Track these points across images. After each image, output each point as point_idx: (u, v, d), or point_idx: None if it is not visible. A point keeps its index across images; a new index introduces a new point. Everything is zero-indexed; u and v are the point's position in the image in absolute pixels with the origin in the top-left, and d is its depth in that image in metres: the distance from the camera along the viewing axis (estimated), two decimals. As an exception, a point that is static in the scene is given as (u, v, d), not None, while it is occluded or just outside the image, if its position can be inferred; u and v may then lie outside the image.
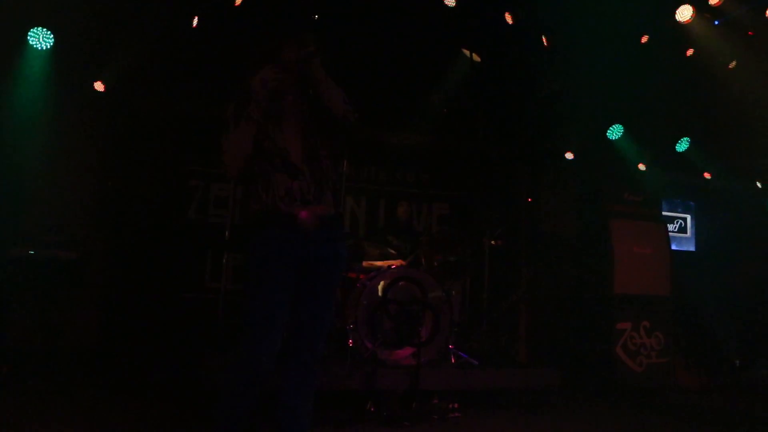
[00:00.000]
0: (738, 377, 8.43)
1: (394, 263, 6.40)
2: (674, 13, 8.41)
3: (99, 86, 6.90)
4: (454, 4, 6.98)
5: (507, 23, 7.42)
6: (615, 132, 8.68)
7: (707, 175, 9.90)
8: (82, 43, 6.79)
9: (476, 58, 7.75)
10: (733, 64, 9.06)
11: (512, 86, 7.85)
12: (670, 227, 9.51)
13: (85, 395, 5.60)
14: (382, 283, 5.81)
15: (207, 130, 6.46)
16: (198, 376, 5.16)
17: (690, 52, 8.82)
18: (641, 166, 8.98)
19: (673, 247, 9.15)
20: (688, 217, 9.94)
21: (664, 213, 9.10)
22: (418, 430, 5.02)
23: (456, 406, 5.49)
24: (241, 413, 3.16)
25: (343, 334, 5.87)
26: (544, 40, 7.60)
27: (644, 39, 8.41)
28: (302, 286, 3.30)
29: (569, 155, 8.49)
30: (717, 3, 8.48)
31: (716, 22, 8.75)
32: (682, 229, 9.87)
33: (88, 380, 6.11)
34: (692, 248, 9.91)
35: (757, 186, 10.31)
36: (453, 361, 6.13)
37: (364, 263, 6.69)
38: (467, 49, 7.74)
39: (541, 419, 5.70)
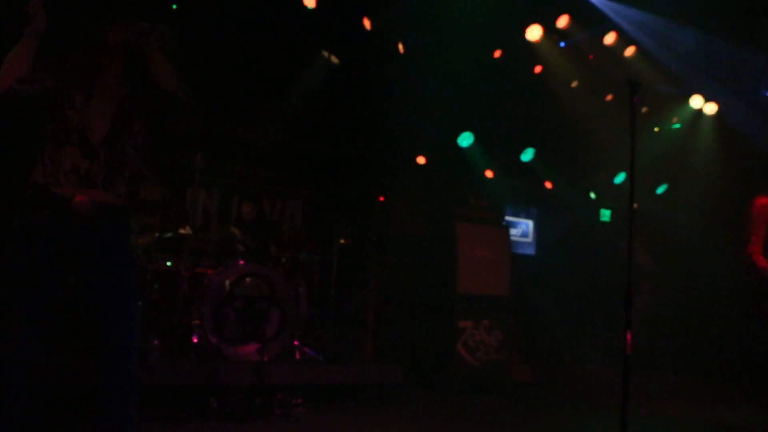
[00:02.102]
0: (569, 371, 9.03)
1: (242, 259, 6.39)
2: (525, 31, 8.92)
3: None
4: (314, 6, 7.07)
5: (365, 28, 7.60)
6: (465, 139, 9.06)
7: (548, 185, 10.53)
8: None
9: (335, 60, 7.88)
10: (575, 84, 9.71)
11: (368, 90, 8.01)
12: (514, 232, 10.02)
13: None
14: (229, 278, 5.80)
15: None
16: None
17: (538, 69, 9.38)
18: (488, 173, 9.43)
19: (516, 251, 9.66)
20: (530, 223, 10.51)
21: (507, 218, 9.55)
22: (261, 425, 5.05)
23: (300, 401, 5.58)
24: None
25: (187, 329, 5.80)
26: (401, 47, 7.84)
27: (497, 53, 8.86)
28: (82, 279, 3.13)
29: (421, 159, 8.77)
30: (564, 26, 9.07)
31: (562, 44, 9.35)
32: (525, 234, 10.42)
33: None
34: (533, 252, 10.48)
35: (591, 197, 11.09)
36: (298, 357, 6.22)
37: (215, 259, 6.64)
38: (326, 51, 7.84)
39: (384, 414, 5.87)
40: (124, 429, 3.13)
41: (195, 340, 5.69)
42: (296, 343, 6.27)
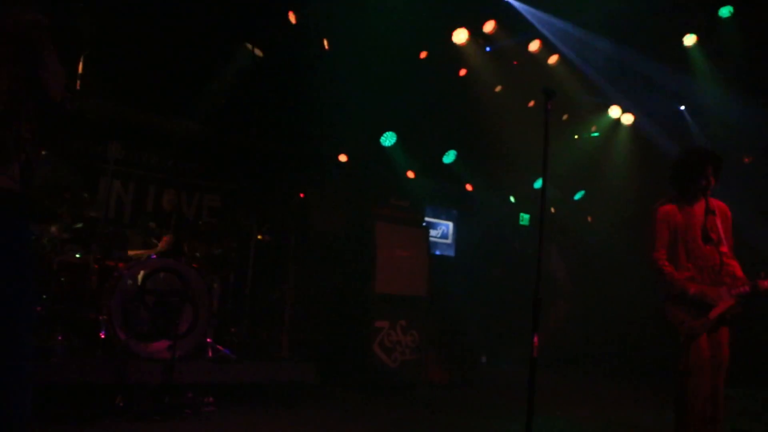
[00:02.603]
0: (484, 372, 9.15)
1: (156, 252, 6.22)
2: (451, 34, 9.00)
3: None
4: (239, -3, 6.95)
5: (291, 22, 7.50)
6: (388, 139, 9.07)
7: (469, 187, 10.67)
8: None
9: (258, 53, 7.75)
10: (498, 88, 9.86)
11: (292, 84, 7.92)
12: (434, 233, 10.10)
13: None
14: (141, 272, 5.62)
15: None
16: None
17: (463, 72, 9.47)
18: (410, 174, 9.47)
19: (435, 252, 9.74)
20: (451, 225, 10.61)
21: (428, 219, 9.63)
22: (170, 425, 4.92)
23: (211, 400, 5.45)
24: None
25: (95, 325, 5.59)
26: (326, 43, 7.78)
27: (423, 55, 8.90)
28: None
29: (343, 157, 8.74)
30: (490, 32, 9.20)
31: (488, 49, 9.48)
32: (444, 236, 10.51)
33: None
34: (452, 253, 10.59)
35: (510, 200, 11.29)
36: (211, 354, 6.08)
37: (129, 252, 6.44)
38: (250, 43, 7.70)
39: (297, 413, 5.82)
40: (13, 430, 2.93)
41: (102, 336, 5.49)
42: (209, 340, 6.13)
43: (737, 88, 9.71)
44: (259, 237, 6.71)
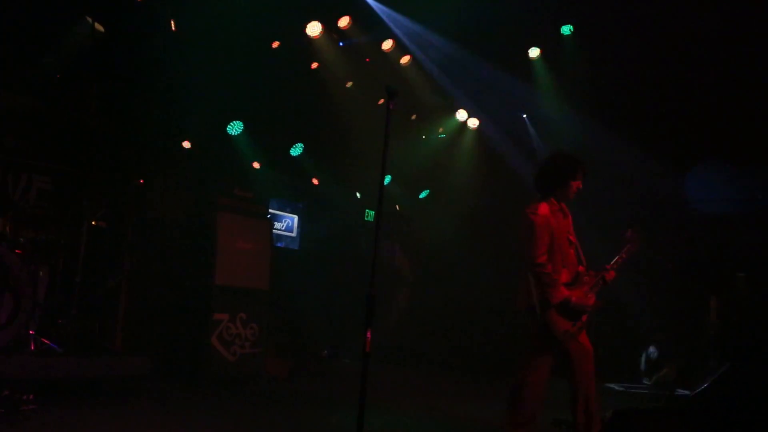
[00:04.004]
0: (325, 365, 9.19)
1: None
2: (305, 26, 8.94)
3: None
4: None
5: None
6: (235, 128, 8.88)
7: (315, 181, 10.66)
8: None
9: (99, 28, 7.30)
10: (349, 84, 9.92)
11: (135, 64, 7.54)
12: (278, 225, 10.02)
13: None
14: (-46, 257, 5.16)
15: None
16: None
17: (315, 65, 9.44)
18: (255, 164, 9.32)
19: (279, 245, 9.65)
20: (296, 218, 10.56)
21: (272, 211, 9.54)
22: (-19, 425, 4.55)
23: (31, 397, 5.05)
24: None
25: None
26: (173, 24, 7.49)
27: (275, 45, 8.78)
28: None
29: (187, 144, 8.45)
30: (345, 27, 9.23)
31: (341, 44, 9.51)
32: (289, 229, 10.44)
33: None
34: (296, 247, 10.54)
35: (357, 196, 11.40)
36: (33, 347, 5.68)
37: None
38: (90, 17, 7.25)
39: (129, 409, 5.60)
40: None
41: None
42: (32, 332, 5.71)
43: (574, 102, 10.36)
44: (93, 223, 6.36)
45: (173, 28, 7.52)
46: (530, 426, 5.17)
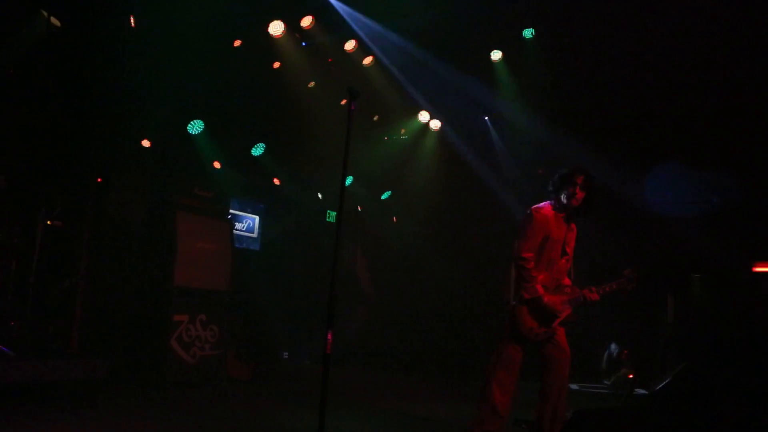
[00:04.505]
0: (285, 367, 9.13)
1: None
2: (268, 25, 8.87)
3: None
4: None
5: (94, -6, 7.01)
6: (195, 127, 8.76)
7: (277, 181, 10.59)
8: None
9: (56, 22, 7.14)
10: (312, 84, 9.87)
11: (93, 61, 7.38)
12: (239, 226, 9.92)
13: None
14: None
15: None
16: None
17: (277, 64, 9.37)
18: (216, 164, 9.21)
19: (239, 245, 9.56)
20: (257, 218, 10.47)
21: (234, 212, 9.44)
22: None
23: (-18, 403, 4.94)
24: None
25: None
26: (132, 20, 7.35)
27: (237, 43, 8.69)
28: None
29: (146, 142, 8.31)
30: (308, 26, 9.17)
31: (304, 44, 9.45)
32: (250, 229, 10.35)
33: None
34: (257, 247, 10.45)
35: (318, 197, 11.36)
36: (-16, 350, 5.53)
37: None
38: (45, 11, 7.08)
39: (86, 414, 5.49)
40: None
41: None
42: (-17, 334, 5.57)
43: (535, 105, 10.46)
44: (48, 222, 6.22)
45: (132, 24, 7.38)
46: (500, 424, 5.21)
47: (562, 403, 5.20)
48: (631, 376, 9.08)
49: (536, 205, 5.38)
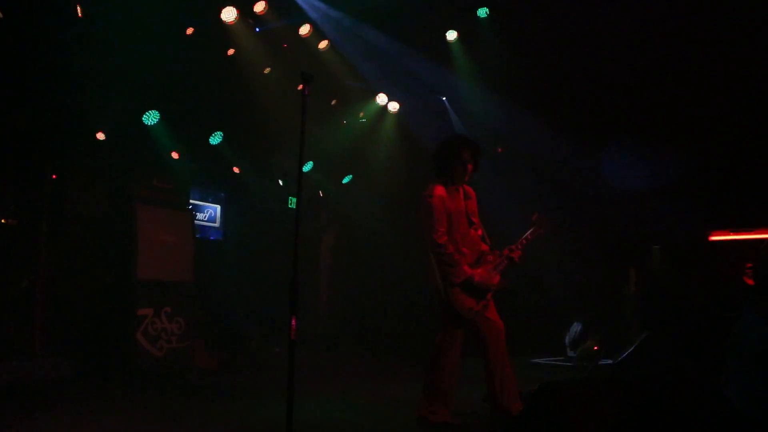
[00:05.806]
0: (255, 356, 9.09)
1: None
2: (220, 12, 8.75)
3: None
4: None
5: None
6: (151, 118, 8.63)
7: (236, 170, 10.50)
8: None
9: (-1, 13, 6.94)
10: (267, 70, 9.78)
11: (40, 52, 7.20)
12: (201, 216, 9.83)
13: None
14: None
15: None
16: None
17: (231, 51, 9.27)
18: (174, 154, 9.10)
19: (202, 235, 9.48)
20: (218, 207, 10.38)
21: (195, 202, 9.36)
22: None
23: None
24: None
25: None
26: (79, 10, 7.19)
27: (189, 31, 8.56)
28: None
29: (101, 135, 8.17)
30: (261, 12, 9.07)
31: (258, 29, 9.35)
32: (212, 219, 10.26)
33: None
34: (220, 237, 10.38)
35: (279, 183, 11.30)
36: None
37: None
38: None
39: (51, 414, 5.39)
40: None
41: None
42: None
43: (492, 84, 10.52)
44: (2, 221, 6.10)
45: (79, 14, 7.22)
46: (447, 401, 5.26)
47: (509, 373, 5.24)
48: (596, 348, 9.23)
49: (428, 190, 5.28)
